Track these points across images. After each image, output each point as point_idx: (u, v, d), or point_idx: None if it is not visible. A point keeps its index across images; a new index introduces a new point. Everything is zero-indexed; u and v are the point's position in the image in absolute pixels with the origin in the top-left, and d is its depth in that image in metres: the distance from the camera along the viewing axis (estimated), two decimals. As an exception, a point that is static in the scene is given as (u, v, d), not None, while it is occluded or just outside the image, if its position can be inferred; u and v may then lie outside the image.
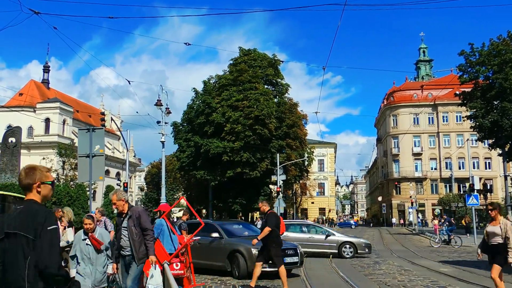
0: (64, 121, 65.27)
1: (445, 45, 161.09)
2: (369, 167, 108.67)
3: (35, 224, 2.84)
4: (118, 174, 72.82)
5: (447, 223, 28.95)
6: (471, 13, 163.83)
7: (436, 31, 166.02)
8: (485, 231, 8.35)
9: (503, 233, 7.87)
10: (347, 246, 18.76)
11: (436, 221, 35.96)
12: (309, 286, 11.12)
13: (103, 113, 30.04)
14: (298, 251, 12.55)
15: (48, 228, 2.85)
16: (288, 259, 11.79)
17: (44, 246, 2.78)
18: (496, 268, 8.02)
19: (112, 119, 35.62)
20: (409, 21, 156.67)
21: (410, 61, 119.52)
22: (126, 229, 6.03)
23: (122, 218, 6.22)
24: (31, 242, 2.81)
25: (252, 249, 11.30)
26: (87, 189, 28.29)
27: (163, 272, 5.56)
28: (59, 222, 10.65)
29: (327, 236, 19.21)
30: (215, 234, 12.84)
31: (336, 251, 18.64)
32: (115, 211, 7.45)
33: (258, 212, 58.74)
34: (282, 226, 10.27)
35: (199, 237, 10.62)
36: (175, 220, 16.89)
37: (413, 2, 25.69)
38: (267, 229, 9.62)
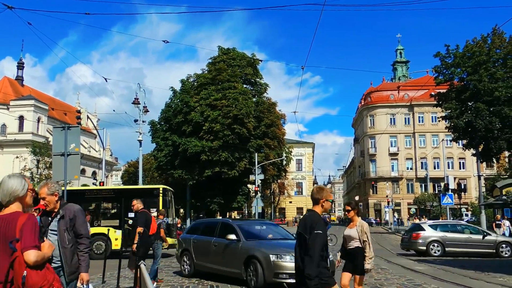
0: (38, 119, 64.10)
1: (422, 47, 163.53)
2: (347, 167, 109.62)
3: (309, 228, 4.18)
4: (94, 173, 71.91)
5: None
6: (447, 15, 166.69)
7: (412, 32, 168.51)
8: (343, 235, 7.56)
9: (360, 236, 7.16)
10: (504, 245, 18.91)
11: (416, 220, 36.68)
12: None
13: (79, 111, 29.65)
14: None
15: (315, 231, 4.12)
16: None
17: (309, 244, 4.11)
18: (347, 276, 7.13)
19: (88, 117, 35.18)
20: (386, 22, 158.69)
21: (387, 62, 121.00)
22: (55, 233, 4.53)
23: (50, 219, 4.63)
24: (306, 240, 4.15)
25: (271, 256, 9.79)
26: (62, 188, 27.90)
27: (140, 272, 5.41)
28: None
29: (484, 236, 19.34)
30: (231, 236, 10.98)
31: (494, 250, 18.78)
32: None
33: (236, 212, 58.78)
34: (153, 226, 10.05)
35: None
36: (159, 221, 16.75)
37: (390, 3, 26.03)
38: (139, 229, 9.45)
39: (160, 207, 19.14)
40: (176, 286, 10.98)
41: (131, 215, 19.84)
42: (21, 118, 61.58)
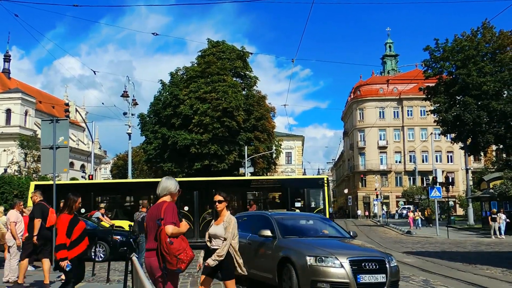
0: (26, 112, 63.34)
1: (411, 40, 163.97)
2: (336, 160, 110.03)
3: None
4: (83, 166, 71.36)
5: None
6: (437, 9, 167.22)
7: (402, 26, 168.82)
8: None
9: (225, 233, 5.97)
10: None
11: (411, 214, 37.00)
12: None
13: (67, 104, 29.38)
14: (387, 266, 7.67)
15: None
16: (366, 278, 7.42)
17: None
18: (207, 282, 6.04)
19: (76, 110, 34.87)
20: (376, 16, 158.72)
21: (376, 56, 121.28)
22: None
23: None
24: None
25: (308, 258, 7.60)
26: (51, 181, 27.68)
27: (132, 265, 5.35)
28: (20, 215, 10.43)
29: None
30: (266, 232, 8.82)
31: None
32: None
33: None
34: (49, 219, 9.66)
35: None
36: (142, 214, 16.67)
37: (380, -3, 26.07)
38: (37, 221, 9.28)
39: (326, 198, 19.55)
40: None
41: (297, 205, 19.87)
42: (8, 111, 60.80)
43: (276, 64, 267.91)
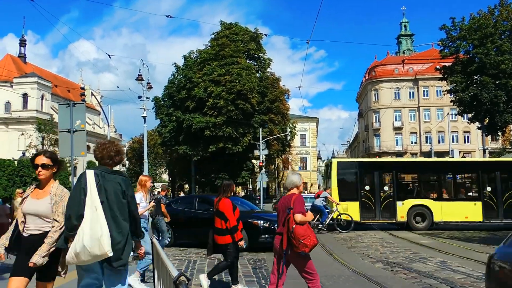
0: (42, 96, 64.02)
1: (427, 20, 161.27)
2: (351, 141, 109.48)
3: None
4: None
5: None
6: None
7: (417, 5, 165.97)
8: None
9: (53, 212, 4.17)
10: None
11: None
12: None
13: (83, 88, 29.55)
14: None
15: None
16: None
17: None
18: (18, 283, 4.00)
19: (92, 94, 35.07)
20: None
21: (391, 36, 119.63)
22: None
23: None
24: None
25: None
26: (68, 165, 28.03)
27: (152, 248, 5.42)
28: None
29: None
30: None
31: None
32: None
33: (241, 188, 59.13)
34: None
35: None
36: (156, 194, 16.90)
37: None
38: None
39: None
40: (184, 260, 11.08)
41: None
42: (25, 96, 61.50)
43: (291, 45, 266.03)
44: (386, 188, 19.98)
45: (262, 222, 12.34)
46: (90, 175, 3.83)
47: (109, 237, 3.69)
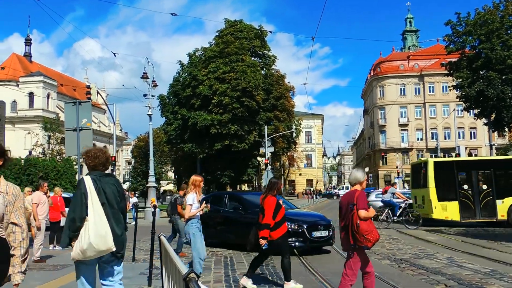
0: (48, 95, 64.34)
1: (432, 15, 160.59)
2: (356, 138, 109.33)
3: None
4: (104, 148, 72.46)
5: None
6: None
7: (422, 0, 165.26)
8: None
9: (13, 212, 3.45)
10: None
11: None
12: (302, 258, 11.10)
13: (88, 87, 29.58)
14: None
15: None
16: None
17: None
18: None
19: (97, 92, 35.17)
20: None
21: (396, 31, 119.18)
22: None
23: None
24: None
25: None
26: (74, 163, 28.12)
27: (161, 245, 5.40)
28: (44, 196, 10.69)
29: None
30: None
31: None
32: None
33: (246, 185, 59.15)
34: None
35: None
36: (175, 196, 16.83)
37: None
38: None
39: None
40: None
41: None
42: (31, 95, 61.82)
43: (295, 42, 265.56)
44: (484, 186, 19.47)
45: (290, 224, 10.33)
46: (88, 180, 4.33)
47: (111, 234, 4.23)
